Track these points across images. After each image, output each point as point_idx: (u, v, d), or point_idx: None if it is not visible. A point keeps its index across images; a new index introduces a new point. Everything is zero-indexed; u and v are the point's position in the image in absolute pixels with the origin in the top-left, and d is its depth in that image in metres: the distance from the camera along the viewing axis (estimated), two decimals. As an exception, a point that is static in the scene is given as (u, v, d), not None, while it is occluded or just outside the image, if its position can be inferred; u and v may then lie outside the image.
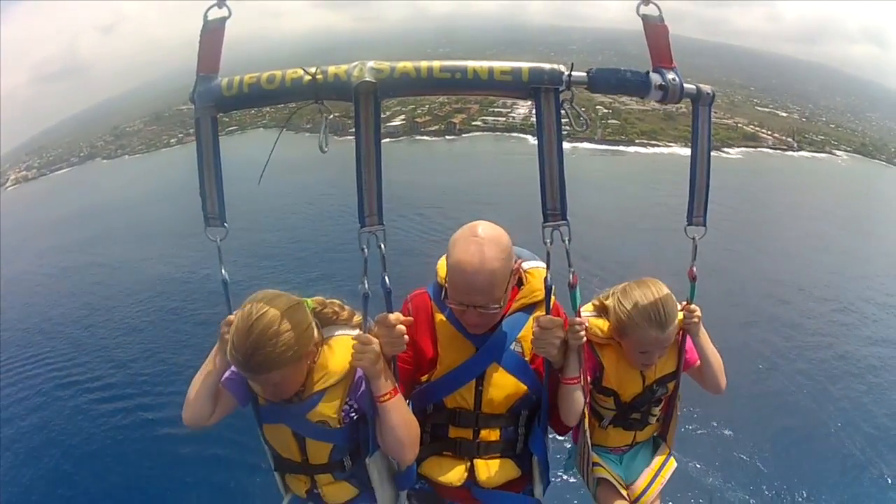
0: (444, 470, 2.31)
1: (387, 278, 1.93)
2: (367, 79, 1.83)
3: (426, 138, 66.04)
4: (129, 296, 21.25)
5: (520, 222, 2.68)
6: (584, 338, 2.14)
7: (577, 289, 2.07)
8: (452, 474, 2.30)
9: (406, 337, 2.00)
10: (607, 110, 69.52)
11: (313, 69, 1.87)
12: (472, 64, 1.88)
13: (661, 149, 61.84)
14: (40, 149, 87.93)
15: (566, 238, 1.96)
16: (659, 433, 2.74)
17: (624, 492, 2.63)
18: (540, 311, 2.22)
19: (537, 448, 2.36)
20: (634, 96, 2.04)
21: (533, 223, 2.16)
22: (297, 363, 1.99)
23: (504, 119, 69.20)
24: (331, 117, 1.93)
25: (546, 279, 2.09)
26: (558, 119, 1.92)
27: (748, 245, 28.47)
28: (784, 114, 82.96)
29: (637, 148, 64.01)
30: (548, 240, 1.96)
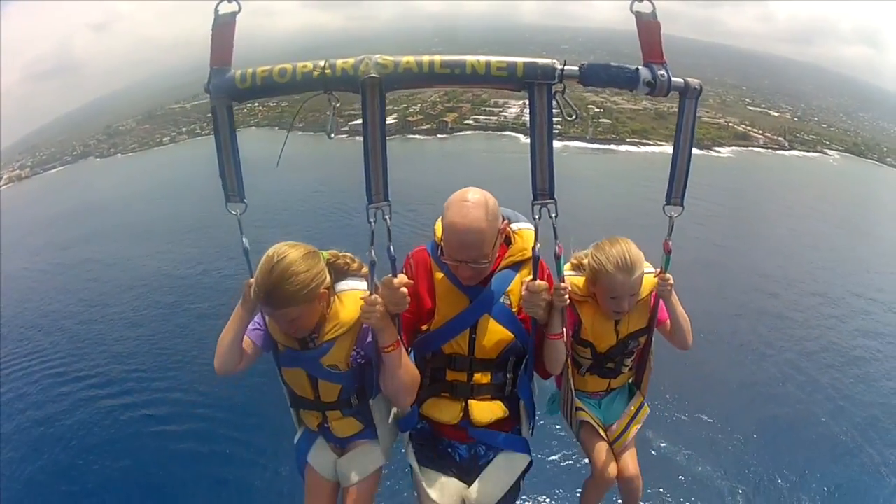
0: (442, 409, 2.59)
1: (391, 247, 2.15)
2: (373, 73, 2.03)
3: (418, 137, 66.15)
4: (125, 291, 21.26)
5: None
6: (568, 300, 2.38)
7: (563, 258, 2.33)
8: (450, 413, 2.58)
9: (408, 298, 2.24)
10: (599, 109, 69.73)
11: (322, 63, 2.06)
12: (471, 59, 2.07)
13: (653, 147, 62.12)
14: (33, 147, 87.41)
15: (553, 214, 2.21)
16: (634, 381, 3.07)
17: (603, 433, 2.96)
18: (527, 269, 2.49)
19: (524, 392, 2.65)
20: (623, 89, 2.19)
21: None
22: (312, 303, 2.30)
23: (496, 118, 69.57)
24: (337, 105, 2.14)
25: (534, 249, 2.33)
26: (549, 110, 2.12)
27: (738, 241, 28.72)
28: (776, 113, 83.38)
29: (628, 147, 64.47)
30: (537, 216, 2.20)
